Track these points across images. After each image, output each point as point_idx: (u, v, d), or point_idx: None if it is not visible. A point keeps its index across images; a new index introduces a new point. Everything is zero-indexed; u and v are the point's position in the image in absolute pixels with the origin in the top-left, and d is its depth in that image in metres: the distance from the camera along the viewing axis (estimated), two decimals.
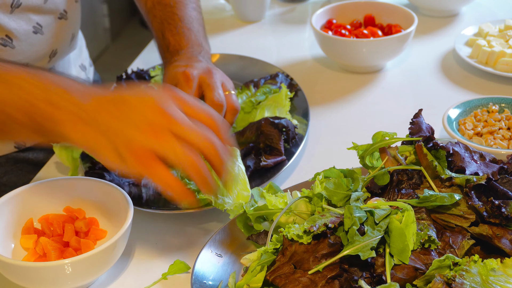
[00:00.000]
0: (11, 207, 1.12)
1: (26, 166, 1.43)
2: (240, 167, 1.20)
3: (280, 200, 1.09)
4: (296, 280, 0.91)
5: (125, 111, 0.99)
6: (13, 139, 1.08)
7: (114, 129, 0.98)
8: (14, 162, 1.42)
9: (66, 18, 1.41)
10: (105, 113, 0.99)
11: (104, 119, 0.99)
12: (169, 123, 0.97)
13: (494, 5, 1.95)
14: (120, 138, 0.98)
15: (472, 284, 0.87)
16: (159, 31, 1.43)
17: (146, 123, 0.97)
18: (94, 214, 1.16)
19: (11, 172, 1.42)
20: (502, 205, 0.94)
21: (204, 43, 1.42)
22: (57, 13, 1.38)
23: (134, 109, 0.99)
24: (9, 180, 1.41)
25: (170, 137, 0.97)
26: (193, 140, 0.98)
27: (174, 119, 0.98)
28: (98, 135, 0.99)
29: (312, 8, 1.99)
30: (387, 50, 1.59)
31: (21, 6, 1.30)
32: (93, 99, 1.00)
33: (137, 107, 0.99)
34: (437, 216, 0.98)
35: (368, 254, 0.89)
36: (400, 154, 1.06)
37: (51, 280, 1.03)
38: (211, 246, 1.07)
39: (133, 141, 0.97)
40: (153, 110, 0.98)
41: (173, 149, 0.97)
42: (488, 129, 1.33)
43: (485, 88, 1.56)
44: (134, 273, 1.12)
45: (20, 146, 1.43)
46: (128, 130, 0.97)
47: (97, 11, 3.90)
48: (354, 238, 0.91)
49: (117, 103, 1.00)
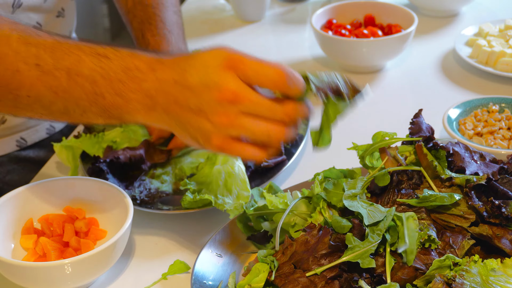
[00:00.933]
0: (11, 207, 1.12)
1: (28, 165, 1.43)
2: (240, 167, 1.20)
3: (280, 200, 1.08)
4: (296, 280, 0.91)
5: (191, 98, 0.93)
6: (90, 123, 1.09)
7: (185, 120, 0.94)
8: (16, 161, 1.43)
9: (64, 16, 1.43)
10: (170, 97, 0.94)
11: (169, 104, 0.94)
12: (238, 105, 0.91)
13: (494, 5, 1.95)
14: (194, 128, 0.93)
15: (472, 284, 0.87)
16: (139, 30, 1.41)
17: (215, 112, 0.91)
18: (94, 214, 1.16)
19: (13, 171, 1.42)
20: (502, 205, 0.94)
21: (183, 48, 1.41)
22: (55, 11, 1.40)
23: (196, 93, 0.92)
24: (12, 179, 1.41)
25: (242, 118, 0.91)
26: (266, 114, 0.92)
27: (241, 100, 0.90)
28: (169, 121, 0.95)
29: (312, 8, 1.99)
30: (387, 50, 1.59)
31: (22, 6, 1.31)
32: (156, 80, 0.94)
33: (202, 93, 0.92)
34: (437, 216, 0.98)
35: (367, 263, 0.89)
36: (400, 154, 1.06)
37: (51, 280, 1.03)
38: (211, 246, 1.07)
39: (209, 134, 0.92)
40: (218, 95, 0.90)
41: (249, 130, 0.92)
42: (488, 129, 1.33)
43: (485, 88, 1.56)
44: (134, 273, 1.12)
45: (22, 144, 1.43)
46: (199, 122, 0.92)
47: (97, 11, 3.90)
48: (353, 243, 0.91)
49: (178, 83, 0.93)
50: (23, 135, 1.43)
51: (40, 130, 1.46)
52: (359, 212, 0.94)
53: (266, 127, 0.92)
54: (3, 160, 1.42)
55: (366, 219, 0.93)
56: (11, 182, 1.41)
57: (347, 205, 0.96)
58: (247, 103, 0.90)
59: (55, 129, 1.49)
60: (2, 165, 1.41)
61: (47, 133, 1.48)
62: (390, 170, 1.02)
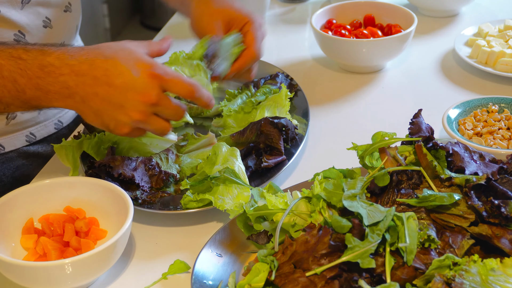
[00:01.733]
0: (12, 207, 1.12)
1: (36, 160, 1.45)
2: (240, 167, 1.20)
3: (280, 200, 1.08)
4: (296, 280, 0.91)
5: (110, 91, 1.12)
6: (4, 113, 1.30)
7: (103, 110, 1.13)
8: (25, 156, 1.45)
9: (71, 11, 1.46)
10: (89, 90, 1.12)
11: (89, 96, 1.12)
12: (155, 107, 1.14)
13: (494, 5, 1.95)
14: (109, 118, 1.14)
15: (471, 283, 0.87)
16: None
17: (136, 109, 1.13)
18: (94, 214, 1.16)
19: (22, 167, 1.44)
20: (502, 205, 0.94)
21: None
22: (63, 6, 1.43)
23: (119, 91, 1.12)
24: (22, 174, 1.43)
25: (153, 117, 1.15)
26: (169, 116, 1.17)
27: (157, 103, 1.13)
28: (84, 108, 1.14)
29: (312, 8, 1.99)
30: (387, 50, 1.59)
31: (31, 1, 1.35)
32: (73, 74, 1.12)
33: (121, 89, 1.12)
34: (437, 216, 0.98)
35: (367, 263, 0.89)
36: (400, 154, 1.06)
37: (51, 280, 1.03)
38: (211, 246, 1.08)
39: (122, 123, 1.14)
40: (143, 97, 1.12)
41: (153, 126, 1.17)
42: (487, 129, 1.33)
43: (485, 88, 1.56)
44: (134, 273, 1.12)
45: (31, 139, 1.46)
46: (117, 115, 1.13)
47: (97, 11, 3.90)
48: (353, 243, 0.91)
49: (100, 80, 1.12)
50: (32, 130, 1.46)
51: (49, 125, 1.49)
52: (358, 212, 0.94)
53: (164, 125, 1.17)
54: (13, 156, 1.43)
55: (366, 219, 0.93)
56: (21, 177, 1.42)
57: (347, 206, 0.96)
58: (162, 107, 1.14)
59: (63, 124, 1.53)
60: (12, 161, 1.43)
61: (55, 128, 1.51)
62: (390, 170, 1.02)
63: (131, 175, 1.20)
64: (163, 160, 1.26)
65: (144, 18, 4.39)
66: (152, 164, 1.24)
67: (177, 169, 1.27)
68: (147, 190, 1.22)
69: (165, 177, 1.24)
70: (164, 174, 1.24)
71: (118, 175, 1.20)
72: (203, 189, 1.17)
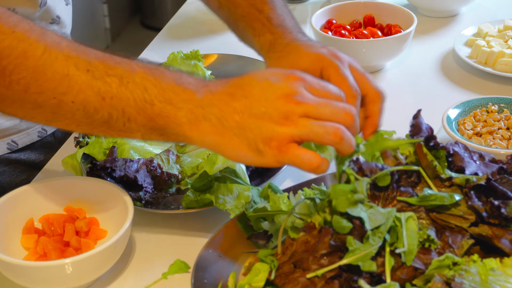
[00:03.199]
0: (12, 206, 1.12)
1: (19, 167, 1.42)
2: (241, 166, 1.20)
3: (283, 201, 1.08)
4: (295, 280, 0.91)
5: (248, 103, 0.94)
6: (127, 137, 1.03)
7: (244, 125, 0.94)
8: (7, 163, 1.42)
9: (58, 23, 1.41)
10: (226, 107, 0.95)
11: (226, 114, 0.95)
12: (299, 106, 0.93)
13: (494, 5, 1.95)
14: (254, 133, 0.93)
15: (471, 283, 0.87)
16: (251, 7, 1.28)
17: (277, 113, 0.93)
18: (94, 214, 1.16)
19: (4, 173, 1.41)
20: (502, 206, 0.94)
21: None
22: (49, 19, 1.38)
23: (258, 99, 0.94)
24: (3, 181, 1.40)
25: (305, 119, 0.93)
26: (328, 115, 0.94)
27: (302, 102, 0.94)
28: (224, 131, 0.95)
29: (312, 8, 1.99)
30: (386, 50, 1.59)
31: None
32: (209, 93, 0.96)
33: (260, 97, 0.94)
34: (437, 216, 0.98)
35: (368, 266, 0.89)
36: (400, 153, 1.06)
37: (52, 279, 1.03)
38: (211, 246, 1.08)
39: (272, 134, 0.93)
40: (285, 98, 0.94)
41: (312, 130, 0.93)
42: (487, 129, 1.33)
43: (485, 88, 1.56)
44: (134, 273, 1.12)
45: (12, 147, 1.41)
46: (262, 124, 0.93)
47: (97, 11, 3.90)
48: (354, 245, 0.91)
49: (236, 95, 0.95)
50: (14, 138, 1.41)
51: (32, 133, 1.44)
52: (360, 216, 0.94)
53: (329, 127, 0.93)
54: None
55: (368, 223, 0.92)
56: (2, 184, 1.40)
57: (349, 212, 0.95)
58: (310, 105, 0.93)
59: (47, 132, 1.47)
60: None
61: (38, 136, 1.45)
62: (390, 170, 1.02)
63: (134, 177, 1.21)
64: (164, 161, 1.26)
65: (144, 18, 4.40)
66: (153, 165, 1.24)
67: (178, 170, 1.27)
68: (150, 191, 1.22)
69: (167, 178, 1.24)
70: (166, 175, 1.24)
71: (121, 177, 1.20)
72: (203, 189, 1.17)
